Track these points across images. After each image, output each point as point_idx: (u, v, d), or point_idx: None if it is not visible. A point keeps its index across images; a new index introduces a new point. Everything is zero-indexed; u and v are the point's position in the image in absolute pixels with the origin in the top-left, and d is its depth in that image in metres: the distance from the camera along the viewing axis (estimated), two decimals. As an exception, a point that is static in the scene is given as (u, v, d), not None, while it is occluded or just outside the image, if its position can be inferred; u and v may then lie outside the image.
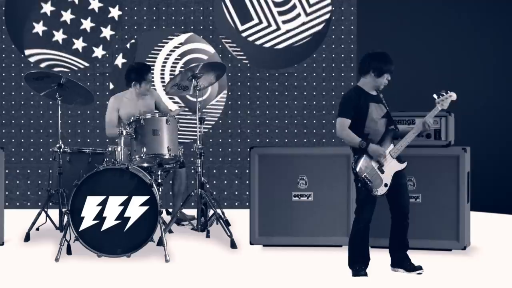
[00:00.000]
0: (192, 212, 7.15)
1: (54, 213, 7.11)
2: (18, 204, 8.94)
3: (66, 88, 6.89)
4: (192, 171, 7.00)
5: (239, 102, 9.21)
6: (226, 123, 9.14)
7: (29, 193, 9.03)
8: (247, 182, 8.98)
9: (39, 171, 9.12)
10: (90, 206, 6.04)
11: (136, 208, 6.05)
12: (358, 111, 5.46)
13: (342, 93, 9.12)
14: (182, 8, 9.29)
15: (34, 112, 9.27)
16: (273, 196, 6.56)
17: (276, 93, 9.29)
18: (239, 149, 9.18)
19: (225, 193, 8.78)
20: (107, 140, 8.76)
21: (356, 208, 5.55)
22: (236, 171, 9.08)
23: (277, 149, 7.18)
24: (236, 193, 9.00)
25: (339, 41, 9.27)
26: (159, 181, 6.56)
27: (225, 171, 8.85)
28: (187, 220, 7.02)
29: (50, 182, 7.09)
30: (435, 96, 5.45)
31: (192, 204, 7.00)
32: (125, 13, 9.29)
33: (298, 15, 9.27)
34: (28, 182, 9.03)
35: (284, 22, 9.25)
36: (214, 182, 7.42)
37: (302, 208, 6.56)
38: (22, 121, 9.26)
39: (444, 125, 6.47)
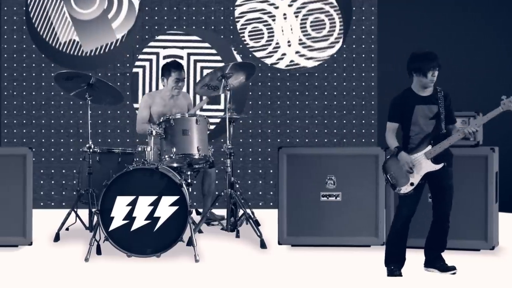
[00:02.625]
0: (221, 212, 7.16)
1: (83, 213, 7.11)
2: (42, 204, 8.94)
3: (95, 88, 6.89)
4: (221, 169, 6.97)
5: (259, 102, 9.21)
6: (246, 123, 9.14)
7: (53, 193, 9.03)
8: (271, 182, 9.06)
9: (63, 171, 9.13)
10: (120, 206, 6.04)
11: (166, 208, 6.04)
12: (403, 115, 5.52)
13: (363, 93, 9.24)
14: (203, 8, 9.29)
15: (54, 112, 9.27)
16: (301, 196, 6.57)
17: (297, 93, 9.28)
18: (259, 149, 9.18)
19: (249, 193, 8.77)
20: (137, 140, 8.81)
21: (397, 206, 5.58)
22: (260, 171, 9.08)
23: (305, 149, 7.17)
24: (260, 193, 9.00)
25: (360, 41, 9.27)
26: (189, 181, 6.56)
27: (249, 171, 8.84)
28: (217, 220, 7.03)
29: (80, 182, 7.08)
30: (503, 97, 5.44)
31: (218, 204, 6.98)
32: (146, 13, 9.28)
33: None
34: (52, 182, 9.03)
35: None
36: (238, 182, 7.41)
37: (330, 208, 6.56)
38: (43, 121, 9.26)
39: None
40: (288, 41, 9.23)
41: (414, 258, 5.66)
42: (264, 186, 9.00)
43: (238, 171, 7.61)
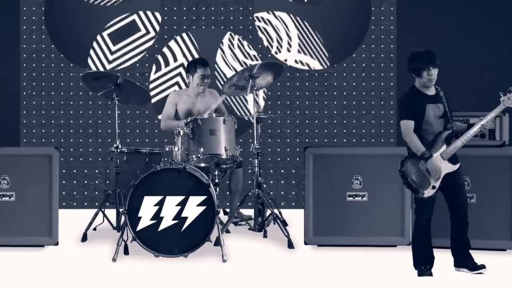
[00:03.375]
0: (249, 212, 7.16)
1: (111, 213, 7.10)
2: (64, 204, 8.92)
3: (123, 88, 6.89)
4: (249, 171, 6.96)
5: (278, 102, 9.20)
6: (265, 123, 9.12)
7: (75, 193, 9.03)
8: (293, 182, 9.06)
9: (85, 171, 9.14)
10: (147, 206, 6.04)
11: (194, 208, 6.04)
12: (415, 113, 5.46)
13: (382, 93, 9.23)
14: (222, 8, 9.28)
15: (73, 112, 9.27)
16: (327, 196, 6.57)
17: (316, 93, 9.27)
18: (278, 149, 9.17)
19: (271, 193, 8.74)
20: (156, 140, 8.81)
21: (415, 208, 5.56)
22: (282, 171, 9.08)
23: (331, 149, 7.20)
24: (282, 193, 9.00)
25: (379, 41, 9.25)
26: (216, 181, 6.56)
27: (271, 171, 8.84)
28: (244, 220, 7.03)
29: (107, 182, 7.08)
30: (501, 93, 5.44)
31: (249, 204, 6.98)
32: (165, 13, 9.28)
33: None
34: (74, 182, 9.03)
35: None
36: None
37: (356, 208, 6.56)
38: (62, 121, 9.26)
39: (499, 125, 6.46)
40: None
41: (444, 258, 5.65)
42: (286, 186, 9.00)
43: (261, 171, 7.58)
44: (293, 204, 8.21)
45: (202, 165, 6.61)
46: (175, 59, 9.25)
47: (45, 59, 9.27)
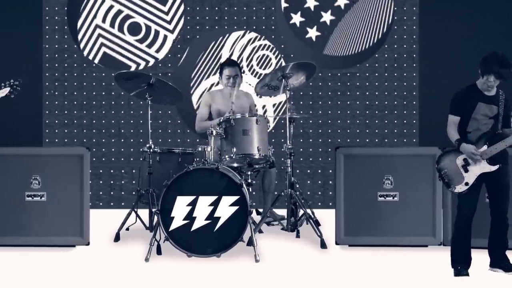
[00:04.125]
0: (282, 212, 7.15)
1: (144, 213, 7.10)
2: (90, 204, 8.88)
3: (155, 88, 6.88)
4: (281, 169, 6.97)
5: (301, 102, 9.19)
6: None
7: (101, 193, 9.03)
8: (319, 182, 9.05)
9: (111, 171, 9.14)
10: (180, 206, 6.04)
11: (226, 208, 6.04)
12: (465, 109, 5.52)
13: (404, 93, 9.23)
14: (244, 8, 9.28)
15: (96, 112, 9.27)
16: (358, 196, 6.57)
17: (339, 93, 9.27)
18: (301, 149, 9.17)
19: (297, 193, 8.75)
20: (188, 140, 8.80)
21: (457, 204, 5.60)
22: (308, 171, 9.08)
23: (362, 149, 7.20)
24: (309, 193, 8.99)
25: (401, 41, 9.25)
26: (249, 181, 6.55)
27: (297, 171, 8.83)
28: (277, 220, 7.02)
29: (140, 182, 7.08)
30: None
31: (278, 204, 6.97)
32: (188, 13, 9.28)
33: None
34: (101, 182, 9.03)
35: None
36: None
37: (387, 208, 6.55)
38: (84, 121, 9.26)
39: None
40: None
41: (482, 258, 5.65)
42: (312, 186, 8.99)
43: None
44: (319, 204, 8.21)
45: (235, 165, 6.61)
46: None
47: (68, 59, 9.27)
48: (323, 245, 6.45)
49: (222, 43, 9.26)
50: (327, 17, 9.25)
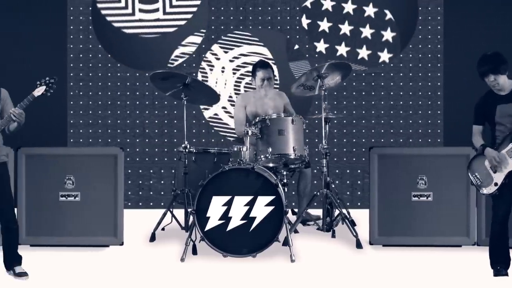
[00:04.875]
0: (317, 212, 7.15)
1: (179, 213, 7.11)
2: (122, 204, 8.96)
3: (191, 88, 6.88)
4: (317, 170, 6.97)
5: (325, 102, 9.15)
6: (312, 123, 9.10)
7: (129, 193, 9.02)
8: (347, 182, 9.04)
9: (140, 171, 9.14)
10: (216, 206, 6.04)
11: (262, 208, 6.04)
12: (485, 116, 5.62)
13: (429, 93, 9.23)
14: (269, 8, 9.28)
15: (121, 113, 9.27)
16: (392, 196, 6.57)
17: (363, 93, 9.26)
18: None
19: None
20: (203, 140, 8.78)
21: (492, 206, 5.61)
22: (337, 171, 9.07)
23: (396, 149, 7.21)
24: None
25: (426, 41, 9.24)
26: (285, 181, 6.54)
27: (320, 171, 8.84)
28: (313, 220, 7.01)
29: (176, 182, 7.08)
30: None
31: (314, 204, 6.97)
32: (212, 13, 9.28)
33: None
34: (129, 182, 9.02)
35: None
36: (315, 182, 7.47)
37: (421, 208, 6.56)
38: (109, 121, 9.27)
39: None
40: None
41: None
42: (340, 186, 8.98)
43: (315, 171, 7.58)
44: (348, 204, 8.17)
45: (271, 165, 6.61)
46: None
47: (92, 59, 9.27)
48: (358, 245, 6.45)
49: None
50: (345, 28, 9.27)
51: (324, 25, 9.25)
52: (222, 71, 9.20)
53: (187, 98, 6.89)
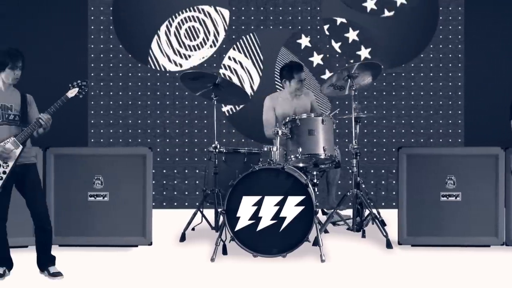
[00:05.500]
0: (347, 212, 7.15)
1: (210, 213, 7.11)
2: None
3: (221, 88, 6.87)
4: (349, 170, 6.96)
5: (346, 102, 9.16)
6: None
7: (154, 193, 8.99)
8: (372, 182, 9.04)
9: (164, 171, 9.14)
10: (246, 206, 6.04)
11: (292, 208, 6.03)
12: None
13: (450, 93, 9.22)
14: (290, 8, 9.28)
15: (141, 113, 9.28)
16: (421, 196, 6.56)
17: (384, 93, 9.27)
18: (346, 149, 9.11)
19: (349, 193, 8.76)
20: (223, 140, 8.76)
21: None
22: (361, 171, 9.05)
23: (425, 149, 7.17)
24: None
25: (447, 41, 9.25)
26: (315, 181, 6.54)
27: (350, 171, 8.82)
28: (343, 220, 7.01)
29: (206, 182, 7.07)
30: None
31: (344, 204, 6.96)
32: (233, 13, 9.28)
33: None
34: (153, 182, 9.00)
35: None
36: (339, 182, 7.47)
37: (450, 208, 6.54)
38: (130, 121, 9.28)
39: None
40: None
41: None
42: (365, 185, 8.97)
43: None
44: (372, 204, 8.13)
45: (301, 165, 6.61)
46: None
47: (113, 59, 9.28)
48: (388, 245, 6.45)
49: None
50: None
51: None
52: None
53: (217, 98, 6.87)
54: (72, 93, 5.56)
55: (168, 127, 9.26)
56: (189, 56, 9.26)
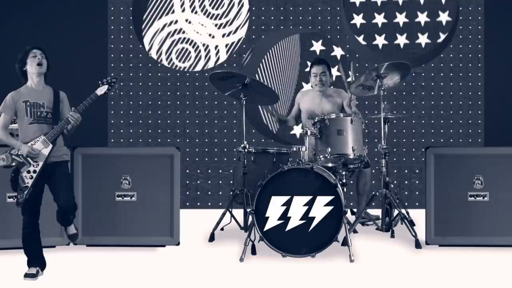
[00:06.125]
0: (376, 212, 7.15)
1: (238, 213, 7.11)
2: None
3: (250, 88, 6.86)
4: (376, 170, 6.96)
5: (366, 102, 9.18)
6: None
7: (178, 192, 9.05)
8: (395, 182, 9.03)
9: (187, 171, 9.14)
10: (275, 206, 6.03)
11: (321, 208, 6.02)
12: None
13: (470, 93, 9.22)
14: (310, 8, 9.28)
15: (161, 112, 9.29)
16: (448, 196, 6.55)
17: (404, 93, 9.26)
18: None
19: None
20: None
21: None
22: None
23: (453, 149, 7.18)
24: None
25: (467, 41, 9.24)
26: (344, 181, 6.53)
27: (373, 171, 8.82)
28: (372, 220, 7.00)
29: (235, 182, 7.08)
30: None
31: (373, 204, 6.97)
32: (253, 13, 9.29)
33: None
34: (176, 181, 9.03)
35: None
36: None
37: (477, 208, 6.53)
38: (150, 121, 9.28)
39: None
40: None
41: None
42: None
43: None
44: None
45: (330, 165, 6.61)
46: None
47: (133, 59, 9.29)
48: (417, 245, 6.44)
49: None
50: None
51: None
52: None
53: (246, 98, 6.86)
54: (101, 90, 5.56)
55: (188, 127, 9.26)
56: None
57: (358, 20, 9.22)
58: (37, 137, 5.40)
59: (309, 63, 8.40)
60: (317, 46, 9.22)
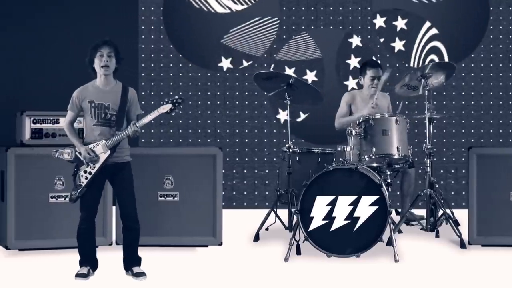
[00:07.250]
0: (421, 212, 7.15)
1: (283, 213, 7.12)
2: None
3: (295, 88, 6.86)
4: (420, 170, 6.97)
5: (396, 102, 9.15)
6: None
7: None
8: (420, 182, 9.03)
9: (223, 170, 9.09)
10: (320, 206, 6.03)
11: (366, 208, 6.03)
12: None
13: (500, 93, 9.22)
14: (340, 8, 9.29)
15: (192, 112, 9.30)
16: (491, 196, 6.54)
17: (434, 92, 9.25)
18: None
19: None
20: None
21: None
22: (419, 171, 9.03)
23: (495, 149, 7.20)
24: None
25: (497, 41, 9.25)
26: (389, 181, 6.53)
27: (419, 171, 8.87)
28: (417, 220, 7.01)
29: (279, 182, 7.08)
30: None
31: (420, 204, 6.98)
32: (283, 13, 9.29)
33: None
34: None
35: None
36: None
37: (520, 208, 6.55)
38: (180, 121, 9.29)
39: None
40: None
41: None
42: (424, 185, 8.96)
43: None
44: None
45: (374, 165, 6.61)
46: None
47: (164, 59, 9.30)
48: (462, 245, 6.44)
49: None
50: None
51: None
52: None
53: (291, 98, 6.86)
54: (164, 108, 5.51)
55: (218, 127, 9.26)
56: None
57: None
58: (99, 140, 5.38)
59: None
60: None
